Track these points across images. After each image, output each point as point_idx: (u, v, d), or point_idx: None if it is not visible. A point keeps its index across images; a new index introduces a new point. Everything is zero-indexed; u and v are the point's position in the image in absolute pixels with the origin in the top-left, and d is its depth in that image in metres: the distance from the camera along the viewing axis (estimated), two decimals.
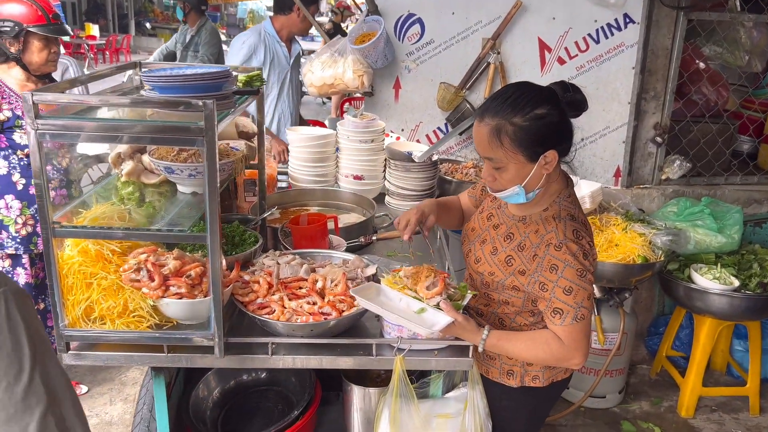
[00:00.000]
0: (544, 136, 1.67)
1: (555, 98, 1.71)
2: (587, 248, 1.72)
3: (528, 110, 1.65)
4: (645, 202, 3.70)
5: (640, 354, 4.00)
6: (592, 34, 3.45)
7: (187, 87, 1.66)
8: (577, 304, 1.70)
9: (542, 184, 1.75)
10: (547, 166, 1.71)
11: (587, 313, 1.71)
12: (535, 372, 1.93)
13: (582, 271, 1.69)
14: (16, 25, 2.68)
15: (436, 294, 1.78)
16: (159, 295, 1.75)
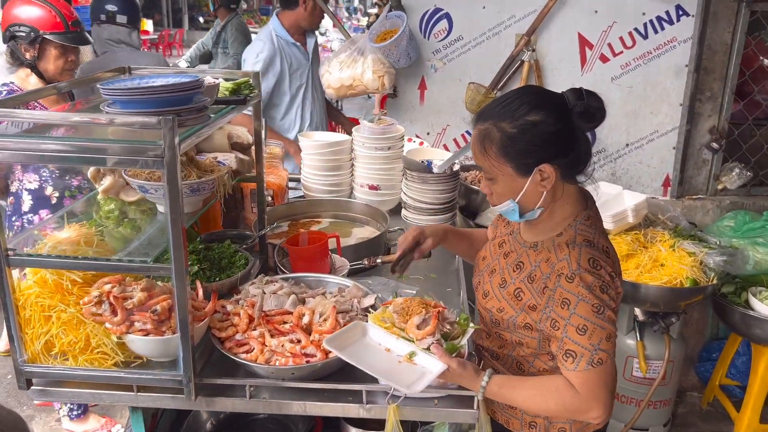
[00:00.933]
0: (534, 147, 1.45)
1: (558, 105, 1.47)
2: (607, 280, 1.46)
3: (519, 115, 1.45)
4: (698, 214, 3.34)
5: (690, 381, 3.63)
6: (640, 28, 3.10)
7: (150, 101, 1.46)
8: (592, 346, 1.44)
9: (543, 203, 1.52)
10: (545, 183, 1.48)
11: (606, 357, 1.45)
12: (561, 424, 1.66)
13: (599, 307, 1.44)
14: (32, 31, 2.54)
15: (428, 334, 1.54)
16: (123, 330, 1.57)
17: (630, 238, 2.98)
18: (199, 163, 1.87)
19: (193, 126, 1.54)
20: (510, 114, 1.46)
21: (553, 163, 1.46)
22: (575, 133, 1.48)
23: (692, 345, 3.58)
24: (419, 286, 2.28)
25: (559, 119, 1.45)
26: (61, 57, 2.62)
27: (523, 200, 1.52)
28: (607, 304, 1.45)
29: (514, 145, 1.46)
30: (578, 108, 1.47)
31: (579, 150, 1.50)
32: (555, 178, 1.48)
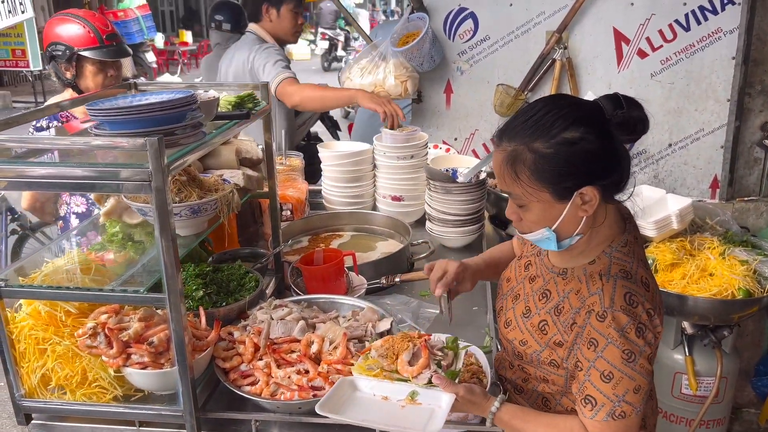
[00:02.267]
0: (576, 168, 1.27)
1: (597, 117, 1.30)
2: (644, 319, 1.28)
3: (555, 132, 1.26)
4: (750, 218, 3.09)
5: (747, 397, 3.37)
6: (681, 20, 2.89)
7: (139, 120, 1.37)
8: (616, 397, 1.28)
9: (582, 229, 1.34)
10: (586, 207, 1.31)
11: (631, 411, 1.28)
12: None
13: (630, 354, 1.26)
14: (67, 49, 2.48)
15: (423, 368, 1.40)
16: (119, 364, 1.48)
17: (675, 245, 2.76)
18: (203, 181, 1.78)
19: (187, 145, 1.44)
20: (544, 131, 1.27)
21: (596, 184, 1.28)
22: (617, 148, 1.31)
23: (747, 358, 3.32)
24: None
25: (600, 134, 1.28)
26: (99, 73, 2.54)
27: (560, 227, 1.33)
28: (641, 350, 1.27)
29: (552, 168, 1.27)
30: (617, 119, 1.31)
31: (622, 167, 1.32)
32: (597, 201, 1.30)
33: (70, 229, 1.88)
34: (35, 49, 9.25)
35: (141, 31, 15.49)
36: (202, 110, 1.55)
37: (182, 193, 1.67)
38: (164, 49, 18.72)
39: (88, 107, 1.38)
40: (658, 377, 2.93)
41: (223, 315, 1.75)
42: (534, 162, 1.27)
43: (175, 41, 19.87)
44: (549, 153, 1.26)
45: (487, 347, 1.80)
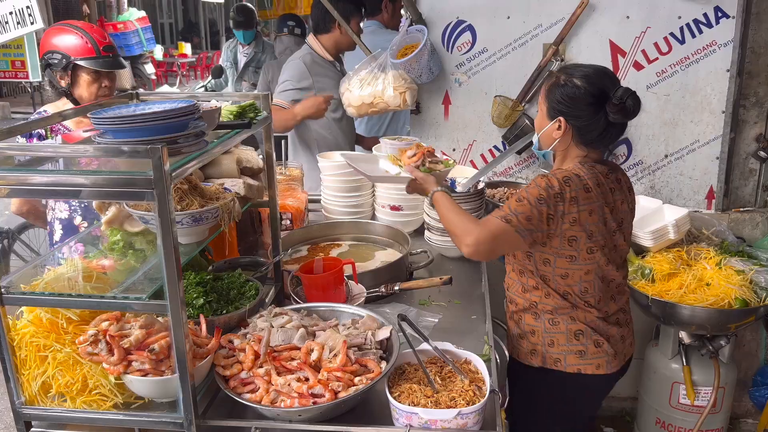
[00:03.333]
0: (562, 102, 1.85)
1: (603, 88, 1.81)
2: (564, 196, 1.80)
3: (574, 75, 1.84)
4: (746, 228, 3.11)
5: (744, 407, 3.38)
6: (676, 33, 2.92)
7: (142, 129, 1.39)
8: (514, 211, 1.81)
9: (555, 147, 1.92)
10: (557, 132, 1.88)
11: (515, 224, 1.79)
12: (556, 355, 1.95)
13: (541, 198, 1.80)
14: (63, 57, 2.51)
15: (414, 161, 2.19)
16: (120, 371, 1.49)
17: (672, 255, 2.78)
18: (204, 190, 1.79)
19: (189, 153, 1.46)
20: (573, 71, 1.86)
21: (569, 121, 1.85)
22: (598, 112, 1.81)
23: (745, 368, 3.33)
24: (442, 313, 2.15)
25: (593, 94, 1.80)
26: (94, 83, 2.56)
27: (542, 138, 1.95)
28: (549, 204, 1.79)
29: (552, 94, 1.87)
30: (614, 100, 1.78)
31: (596, 125, 1.83)
32: (566, 133, 1.87)
33: (69, 239, 1.88)
34: (35, 61, 9.27)
35: (140, 43, 15.56)
36: (204, 119, 1.56)
37: (184, 202, 1.68)
38: (163, 61, 18.78)
39: (92, 116, 1.40)
40: (656, 386, 2.96)
41: (224, 323, 1.76)
42: (550, 84, 1.89)
43: (174, 53, 19.95)
44: (560, 82, 1.85)
45: (486, 355, 1.81)
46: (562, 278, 1.90)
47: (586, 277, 1.90)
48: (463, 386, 1.56)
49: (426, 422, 1.49)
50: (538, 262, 1.92)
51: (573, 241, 1.85)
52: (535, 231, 1.81)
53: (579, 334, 1.93)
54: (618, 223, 1.92)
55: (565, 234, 1.84)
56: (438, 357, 1.69)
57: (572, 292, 1.91)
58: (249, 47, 5.88)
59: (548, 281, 1.92)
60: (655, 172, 3.12)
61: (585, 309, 1.92)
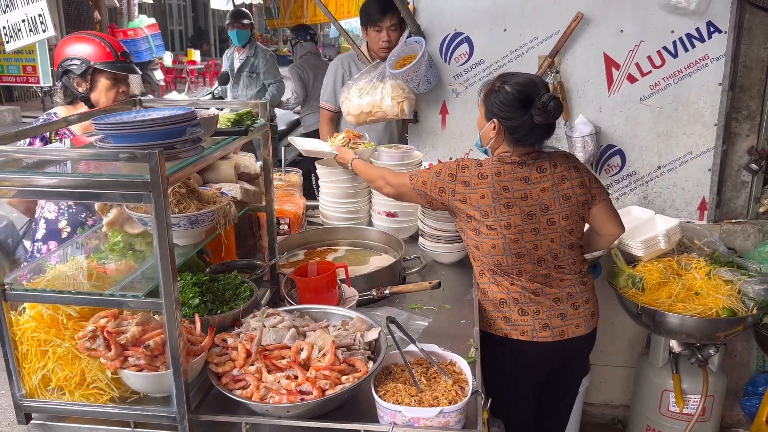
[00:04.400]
0: (495, 105, 2.16)
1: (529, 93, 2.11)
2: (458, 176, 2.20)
3: (506, 81, 2.16)
4: (738, 239, 3.16)
5: (735, 416, 3.41)
6: (669, 46, 2.98)
7: (141, 134, 1.46)
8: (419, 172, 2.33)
9: (491, 146, 2.25)
10: (492, 132, 2.19)
11: (414, 181, 2.29)
12: (487, 319, 2.27)
13: (439, 172, 2.24)
14: (83, 63, 2.58)
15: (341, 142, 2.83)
16: (117, 366, 1.55)
17: (662, 265, 2.83)
18: (201, 194, 1.86)
19: (186, 158, 1.53)
20: (506, 79, 2.17)
21: (502, 122, 2.15)
22: (524, 114, 2.11)
23: (736, 378, 3.37)
24: (432, 317, 2.21)
25: (520, 100, 2.11)
26: (112, 88, 2.63)
27: (482, 136, 2.26)
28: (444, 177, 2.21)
29: (487, 96, 2.20)
30: (539, 104, 2.08)
31: (521, 125, 2.13)
32: (499, 133, 2.18)
33: (73, 239, 1.95)
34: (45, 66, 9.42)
35: (150, 49, 15.74)
36: (202, 126, 1.63)
37: (181, 204, 1.75)
38: (172, 68, 18.98)
39: (95, 121, 1.47)
40: (647, 394, 3.00)
41: (218, 322, 1.82)
42: (487, 90, 2.21)
43: (183, 60, 20.14)
44: (492, 87, 2.18)
45: (471, 358, 1.87)
46: (476, 249, 2.24)
47: (494, 251, 2.19)
48: (447, 386, 1.62)
49: (409, 420, 1.54)
50: (461, 233, 2.32)
51: (470, 218, 2.20)
52: (427, 194, 2.25)
53: (503, 303, 2.24)
54: (541, 207, 2.18)
55: (461, 210, 2.20)
56: (424, 358, 1.75)
57: (486, 263, 2.24)
58: (243, 52, 6.00)
59: (471, 251, 2.29)
60: (648, 183, 3.17)
61: (508, 280, 2.23)
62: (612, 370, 3.42)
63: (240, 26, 5.89)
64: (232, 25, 5.93)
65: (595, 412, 3.53)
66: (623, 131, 3.13)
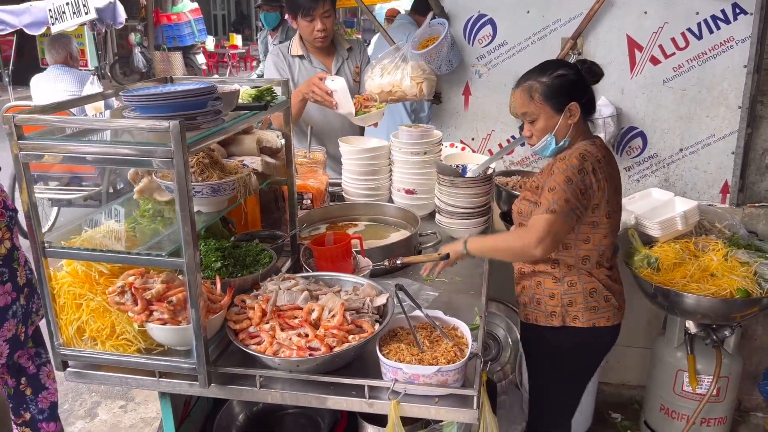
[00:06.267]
0: (566, 91, 2.06)
1: (574, 66, 2.12)
2: (586, 169, 2.02)
3: (551, 72, 2.08)
4: (761, 223, 3.14)
5: (754, 400, 3.41)
6: (693, 28, 2.98)
7: (165, 106, 1.59)
8: (553, 200, 1.99)
9: (570, 134, 2.11)
10: (573, 118, 2.08)
11: (558, 210, 1.98)
12: (575, 313, 2.17)
13: (569, 180, 2.00)
14: None
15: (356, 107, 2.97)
16: (143, 319, 1.70)
17: (679, 246, 2.86)
18: (224, 165, 1.99)
19: (207, 129, 1.66)
20: (545, 71, 2.09)
21: (578, 101, 2.06)
22: (587, 83, 2.11)
23: (756, 362, 3.36)
24: (443, 288, 2.30)
25: (576, 73, 2.09)
26: None
27: (557, 133, 2.10)
28: (576, 181, 2.00)
29: (552, 91, 2.06)
30: (585, 68, 2.13)
31: (590, 94, 2.13)
32: (579, 114, 2.07)
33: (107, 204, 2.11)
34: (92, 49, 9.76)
35: (192, 34, 16.09)
36: (223, 100, 1.76)
37: (205, 174, 1.88)
38: (214, 52, 19.31)
39: (123, 94, 1.61)
40: (662, 374, 3.03)
41: (238, 285, 1.95)
42: (541, 88, 2.07)
43: (225, 44, 20.47)
44: (550, 82, 2.06)
45: (475, 325, 1.96)
46: (585, 243, 2.13)
47: (604, 240, 2.14)
48: (447, 348, 1.72)
49: (410, 377, 1.65)
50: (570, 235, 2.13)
51: (596, 208, 2.08)
52: (577, 208, 2.02)
53: (593, 292, 2.17)
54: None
55: (596, 204, 2.08)
56: (428, 323, 1.85)
57: (591, 256, 2.15)
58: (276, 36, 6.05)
59: (569, 248, 2.14)
60: (669, 166, 3.18)
61: (598, 269, 2.17)
62: (629, 350, 3.46)
63: (269, 9, 5.89)
64: (261, 8, 5.96)
65: (612, 392, 3.57)
66: (645, 113, 3.14)
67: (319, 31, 3.19)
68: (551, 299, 2.19)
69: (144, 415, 3.45)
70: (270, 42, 6.16)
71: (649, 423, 3.19)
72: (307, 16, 3.15)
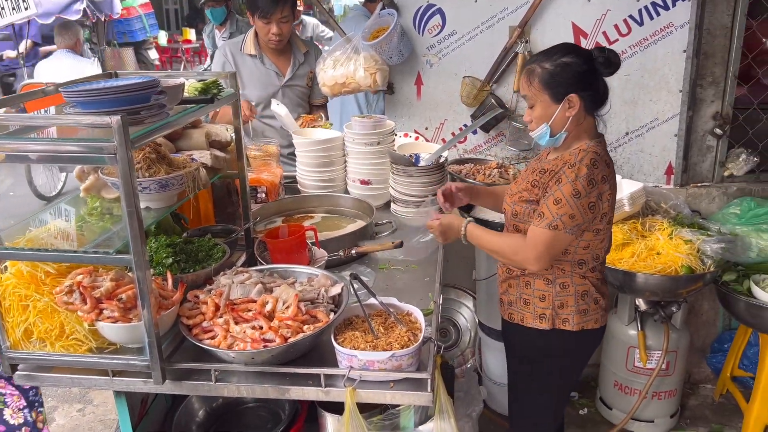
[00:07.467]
0: (567, 80, 1.89)
1: (585, 53, 1.92)
2: (596, 179, 1.88)
3: (556, 58, 1.91)
4: (703, 202, 3.26)
5: (704, 373, 3.55)
6: (635, 15, 3.06)
7: (108, 101, 1.56)
8: (557, 215, 1.87)
9: (568, 128, 1.94)
10: (571, 110, 1.91)
11: (561, 227, 1.87)
12: (565, 315, 2.05)
13: (577, 193, 1.86)
14: None
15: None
16: (93, 318, 1.68)
17: (627, 227, 2.95)
18: (172, 160, 1.97)
19: (151, 123, 1.64)
20: (550, 56, 1.92)
21: (579, 94, 1.89)
22: (596, 75, 1.92)
23: (704, 336, 3.50)
24: (399, 275, 2.33)
25: (585, 62, 1.90)
26: None
27: (554, 124, 1.94)
28: (585, 194, 1.86)
29: (552, 79, 1.90)
30: (600, 58, 1.90)
31: (598, 88, 1.94)
32: (579, 108, 1.90)
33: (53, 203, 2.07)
34: None
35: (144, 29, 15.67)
36: (168, 94, 1.74)
37: (152, 169, 1.86)
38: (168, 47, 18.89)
39: (63, 89, 1.58)
40: (614, 351, 3.13)
41: (191, 280, 1.95)
42: (541, 74, 1.91)
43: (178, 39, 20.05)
44: (551, 69, 1.90)
45: (429, 310, 1.99)
46: (584, 249, 1.99)
47: (601, 244, 2.04)
48: (400, 333, 1.74)
49: (364, 363, 1.67)
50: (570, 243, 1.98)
51: (603, 216, 1.95)
52: (582, 223, 1.89)
53: (585, 295, 2.05)
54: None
55: (604, 212, 1.95)
56: (383, 310, 1.87)
57: (586, 259, 2.02)
58: (225, 30, 5.93)
59: (568, 253, 1.98)
60: (616, 149, 3.27)
61: (592, 272, 2.06)
62: None
63: (214, 4, 5.73)
64: (206, 5, 5.78)
65: None
66: None
67: (275, 35, 3.21)
68: (542, 301, 2.05)
69: (103, 416, 3.40)
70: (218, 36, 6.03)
71: (604, 399, 3.29)
72: (264, 18, 3.16)
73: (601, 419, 3.28)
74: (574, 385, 2.33)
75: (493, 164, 3.10)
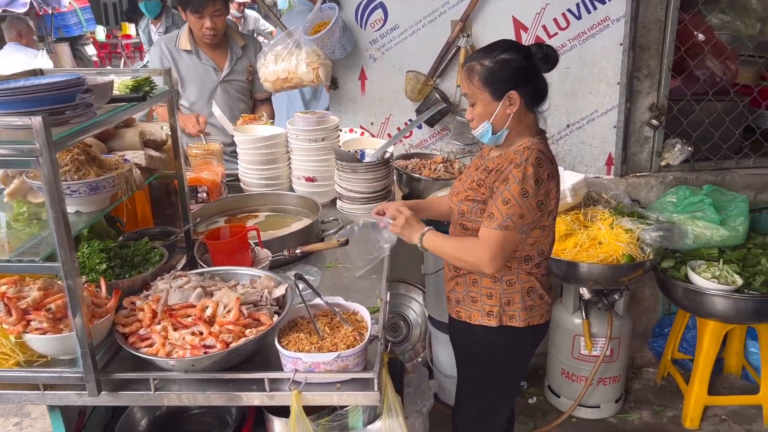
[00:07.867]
0: (506, 77, 1.89)
1: (524, 50, 1.91)
2: (542, 177, 1.89)
3: (495, 55, 1.90)
4: (642, 191, 3.35)
5: (646, 357, 3.66)
6: (573, 9, 3.11)
7: (30, 100, 1.47)
8: (507, 215, 1.88)
9: (510, 125, 1.94)
10: (512, 107, 1.91)
11: (512, 227, 1.88)
12: (511, 312, 2.07)
13: (525, 192, 1.87)
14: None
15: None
16: (20, 330, 1.59)
17: (570, 218, 3.00)
18: (103, 161, 1.88)
19: (77, 124, 1.55)
20: (488, 54, 1.91)
21: (519, 90, 1.89)
22: (536, 71, 1.92)
23: (645, 321, 3.61)
24: (345, 274, 2.30)
25: (524, 59, 1.90)
26: None
27: (495, 121, 1.94)
28: (533, 193, 1.87)
29: (491, 76, 1.89)
30: (539, 54, 1.90)
31: (538, 84, 1.95)
32: (519, 105, 1.90)
33: None
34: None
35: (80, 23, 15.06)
36: (96, 92, 1.65)
37: (81, 171, 1.77)
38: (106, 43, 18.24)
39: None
40: (561, 340, 3.19)
41: (127, 286, 1.87)
42: (481, 71, 1.90)
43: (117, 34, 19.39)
44: (490, 66, 1.89)
45: (375, 308, 1.97)
46: (530, 245, 2.01)
47: (546, 240, 2.05)
48: (346, 333, 1.72)
49: (310, 366, 1.64)
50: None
51: (550, 213, 1.98)
52: (532, 222, 1.91)
53: (531, 291, 2.06)
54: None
55: (551, 211, 1.98)
56: (329, 310, 1.84)
57: (532, 255, 2.03)
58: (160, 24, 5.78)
59: (516, 250, 1.99)
60: (558, 141, 3.32)
61: (537, 268, 2.06)
62: None
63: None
64: None
65: None
66: None
67: (209, 29, 3.14)
68: (489, 298, 2.07)
69: (42, 430, 3.25)
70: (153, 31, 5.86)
71: (552, 388, 3.35)
72: (196, 12, 3.09)
73: (550, 407, 3.34)
74: (522, 377, 2.35)
75: (439, 159, 3.10)
